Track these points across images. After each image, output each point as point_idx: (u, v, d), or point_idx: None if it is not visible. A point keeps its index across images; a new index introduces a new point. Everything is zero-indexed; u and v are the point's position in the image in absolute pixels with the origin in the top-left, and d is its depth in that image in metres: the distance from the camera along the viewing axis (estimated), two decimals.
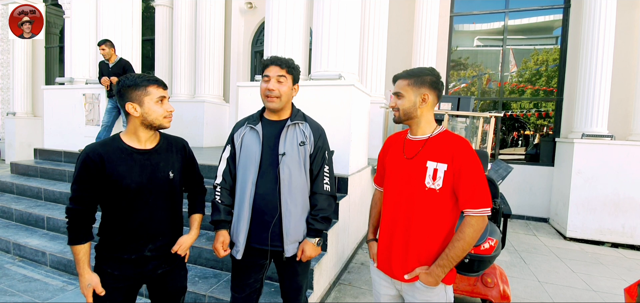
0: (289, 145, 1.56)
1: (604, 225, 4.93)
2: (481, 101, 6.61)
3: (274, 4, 3.56)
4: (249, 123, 1.63)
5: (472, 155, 1.29)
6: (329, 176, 1.65)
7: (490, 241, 2.21)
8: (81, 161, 1.32)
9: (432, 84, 1.37)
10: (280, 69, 1.55)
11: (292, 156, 1.56)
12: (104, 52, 4.54)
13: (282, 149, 1.55)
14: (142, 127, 1.40)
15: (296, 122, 1.60)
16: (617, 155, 4.83)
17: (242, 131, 1.63)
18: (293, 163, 1.55)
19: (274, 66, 1.56)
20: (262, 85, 1.57)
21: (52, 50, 9.82)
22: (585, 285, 3.49)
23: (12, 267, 3.17)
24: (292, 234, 1.59)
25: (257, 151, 1.57)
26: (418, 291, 1.36)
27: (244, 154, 1.60)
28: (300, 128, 1.60)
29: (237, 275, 1.67)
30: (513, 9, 6.19)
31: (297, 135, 1.59)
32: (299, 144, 1.57)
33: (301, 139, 1.58)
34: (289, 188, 1.56)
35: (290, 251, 1.60)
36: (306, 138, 1.59)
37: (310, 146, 1.60)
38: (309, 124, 1.64)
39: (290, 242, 1.59)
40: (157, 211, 1.43)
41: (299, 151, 1.57)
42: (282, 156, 1.55)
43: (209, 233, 3.16)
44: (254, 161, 1.56)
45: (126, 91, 1.35)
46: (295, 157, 1.56)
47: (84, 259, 1.35)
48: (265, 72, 1.57)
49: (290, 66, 1.58)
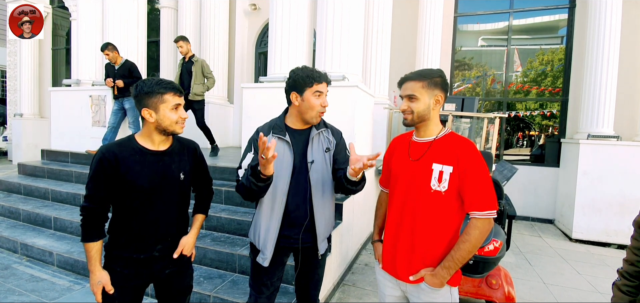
0: (316, 153, 1.65)
1: (610, 226, 4.88)
2: (486, 101, 6.58)
3: (278, 5, 3.58)
4: (274, 132, 1.63)
5: (478, 157, 1.29)
6: None
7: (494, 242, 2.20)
8: (97, 160, 1.36)
9: (442, 85, 1.37)
10: (327, 85, 1.64)
11: (319, 162, 1.65)
12: (108, 57, 4.57)
13: (311, 157, 1.64)
14: (156, 131, 1.44)
15: (321, 130, 1.69)
16: (623, 156, 4.78)
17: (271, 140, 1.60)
18: (321, 168, 1.65)
19: (326, 82, 1.63)
20: (314, 100, 1.59)
21: (59, 52, 9.91)
22: (591, 286, 3.46)
23: (20, 266, 3.21)
24: (323, 233, 1.70)
25: (290, 161, 1.62)
26: (423, 292, 1.36)
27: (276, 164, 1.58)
28: (324, 135, 1.70)
29: (261, 276, 1.70)
30: (517, 9, 6.15)
31: (322, 142, 1.68)
32: (324, 151, 1.67)
33: (326, 146, 1.68)
34: (319, 192, 1.65)
35: (322, 249, 1.72)
36: (330, 143, 1.70)
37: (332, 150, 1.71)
38: (330, 130, 1.74)
39: (321, 241, 1.71)
40: (167, 212, 1.47)
41: (325, 157, 1.67)
42: (311, 163, 1.63)
43: (214, 234, 3.18)
44: (286, 170, 1.61)
45: (143, 98, 1.39)
46: (322, 163, 1.66)
47: (96, 256, 1.38)
48: (318, 87, 1.58)
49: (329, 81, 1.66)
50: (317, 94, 1.58)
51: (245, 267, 2.79)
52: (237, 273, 2.80)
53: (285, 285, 2.60)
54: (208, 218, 3.28)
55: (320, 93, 1.59)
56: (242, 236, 3.13)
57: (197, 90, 4.71)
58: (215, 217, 3.23)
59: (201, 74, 4.75)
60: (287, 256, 1.75)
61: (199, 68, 4.71)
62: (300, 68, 1.62)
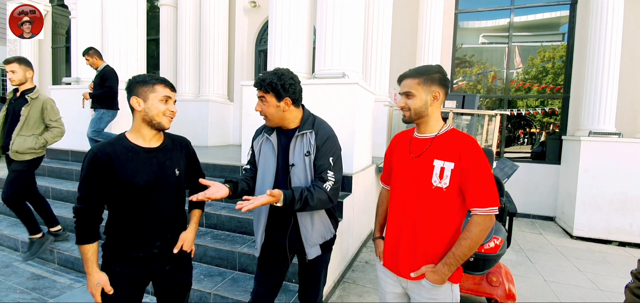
0: (297, 156, 1.60)
1: (612, 224, 4.87)
2: (487, 98, 6.57)
3: (278, 2, 3.56)
4: (266, 132, 1.70)
5: (480, 154, 1.28)
6: (333, 180, 1.58)
7: (495, 240, 2.19)
8: (89, 160, 1.33)
9: (441, 81, 1.36)
10: (258, 90, 1.58)
11: (299, 167, 1.60)
12: (88, 62, 4.18)
13: (292, 160, 1.61)
14: (144, 124, 1.41)
15: (304, 132, 1.61)
16: (624, 153, 4.77)
17: (260, 140, 1.72)
18: (301, 173, 1.59)
19: (261, 91, 1.58)
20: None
21: (59, 50, 9.91)
22: (592, 284, 3.46)
23: (21, 264, 3.21)
24: (311, 239, 1.66)
25: (273, 162, 1.64)
26: (424, 289, 1.36)
27: (261, 162, 1.69)
28: (307, 137, 1.60)
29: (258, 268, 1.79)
30: (519, 5, 6.13)
31: (304, 145, 1.60)
32: (304, 155, 1.59)
33: (307, 150, 1.59)
34: None
35: (312, 254, 1.67)
36: (311, 147, 1.59)
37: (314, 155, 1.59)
38: (315, 133, 1.61)
39: (310, 246, 1.66)
40: (165, 209, 1.46)
41: (305, 162, 1.59)
42: (292, 166, 1.60)
43: (214, 232, 3.18)
44: (270, 170, 1.64)
45: (135, 87, 1.39)
46: (302, 167, 1.59)
47: (93, 258, 1.36)
48: (258, 93, 1.60)
49: (266, 86, 1.55)
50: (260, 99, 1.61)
51: (245, 265, 2.79)
52: (237, 271, 2.80)
53: (286, 283, 2.60)
54: (208, 216, 3.27)
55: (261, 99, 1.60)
56: (242, 234, 3.13)
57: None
58: (215, 215, 3.23)
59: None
60: (284, 254, 1.72)
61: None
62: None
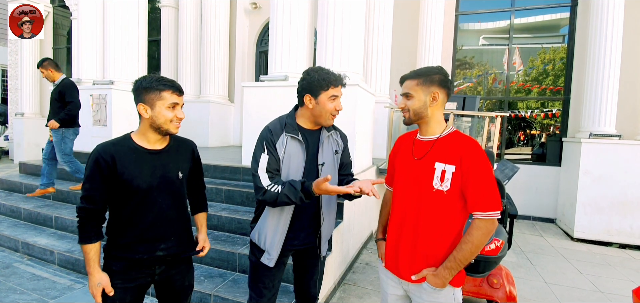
0: (327, 155, 1.64)
1: (612, 226, 4.87)
2: (487, 100, 6.57)
3: (279, 4, 3.57)
4: (288, 131, 1.58)
5: (481, 157, 1.27)
6: None
7: (496, 242, 2.19)
8: (93, 160, 1.33)
9: (441, 82, 1.36)
10: (342, 87, 1.60)
11: (329, 165, 1.64)
12: (44, 74, 3.84)
13: (322, 159, 1.62)
14: (150, 129, 1.41)
15: (331, 132, 1.68)
16: (625, 155, 4.77)
17: (284, 140, 1.57)
18: (330, 171, 1.64)
19: (341, 86, 1.57)
20: (329, 104, 1.54)
21: (60, 51, 9.92)
22: (593, 286, 3.45)
23: (21, 265, 3.21)
24: (326, 235, 1.72)
25: (302, 162, 1.60)
26: (425, 292, 1.35)
27: (287, 162, 1.58)
28: (334, 137, 1.69)
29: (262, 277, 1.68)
30: (519, 7, 6.13)
31: (332, 144, 1.67)
32: (334, 153, 1.67)
33: (335, 148, 1.68)
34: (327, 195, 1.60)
35: (324, 250, 1.72)
36: (339, 146, 1.70)
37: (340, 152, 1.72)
38: (338, 133, 1.74)
39: (324, 242, 1.72)
40: (167, 211, 1.45)
41: (334, 160, 1.67)
42: (322, 166, 1.62)
43: (215, 233, 3.18)
44: (299, 169, 1.60)
45: (141, 93, 1.36)
46: (332, 165, 1.66)
47: (94, 258, 1.36)
48: (333, 91, 1.54)
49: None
50: (332, 98, 1.55)
51: (246, 266, 2.79)
52: (237, 272, 2.80)
53: (285, 284, 2.60)
54: (209, 218, 3.26)
55: (336, 97, 1.56)
56: (243, 235, 3.13)
57: None
58: (216, 216, 3.23)
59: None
60: (287, 257, 1.74)
61: None
62: (315, 69, 1.56)
